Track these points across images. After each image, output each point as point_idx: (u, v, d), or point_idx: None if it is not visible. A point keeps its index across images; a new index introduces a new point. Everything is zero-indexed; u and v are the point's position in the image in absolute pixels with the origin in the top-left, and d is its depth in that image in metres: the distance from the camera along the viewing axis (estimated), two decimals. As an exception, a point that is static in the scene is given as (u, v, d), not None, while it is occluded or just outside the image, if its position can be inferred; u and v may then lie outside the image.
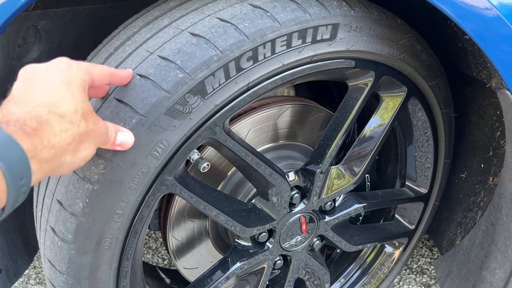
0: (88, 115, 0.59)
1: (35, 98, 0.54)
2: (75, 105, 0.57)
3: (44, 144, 0.53)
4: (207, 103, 0.76)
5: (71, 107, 0.56)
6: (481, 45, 0.83)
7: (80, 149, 0.59)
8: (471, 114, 1.24)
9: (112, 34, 0.91)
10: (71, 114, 0.56)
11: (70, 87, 0.57)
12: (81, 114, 0.58)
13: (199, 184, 0.88)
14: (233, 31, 0.75)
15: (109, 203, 0.75)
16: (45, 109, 0.54)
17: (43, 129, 0.53)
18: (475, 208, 1.27)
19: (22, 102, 0.53)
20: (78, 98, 0.58)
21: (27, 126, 0.52)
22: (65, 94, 0.56)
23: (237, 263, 1.01)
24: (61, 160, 0.56)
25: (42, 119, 0.53)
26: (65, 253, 0.78)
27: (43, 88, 0.55)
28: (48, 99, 0.54)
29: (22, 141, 0.50)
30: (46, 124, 0.53)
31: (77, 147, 0.58)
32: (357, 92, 0.97)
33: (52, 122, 0.54)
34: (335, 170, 1.04)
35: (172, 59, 0.73)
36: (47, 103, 0.54)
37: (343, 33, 0.84)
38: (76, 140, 0.57)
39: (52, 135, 0.54)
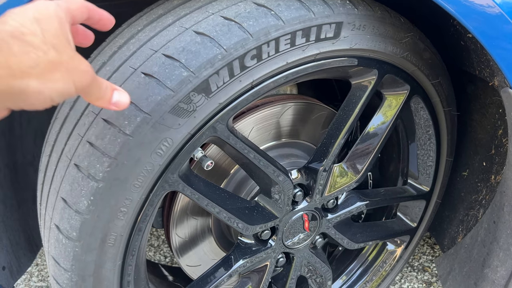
0: (62, 48, 0.57)
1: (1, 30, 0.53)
2: (43, 38, 0.55)
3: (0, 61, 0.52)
4: (211, 102, 0.76)
5: (38, 39, 0.55)
6: (484, 43, 0.84)
7: (50, 78, 0.56)
8: (474, 113, 1.24)
9: (116, 32, 0.91)
10: (38, 43, 0.55)
11: (42, 22, 0.56)
12: (52, 45, 0.56)
13: (202, 182, 0.88)
14: (237, 30, 0.75)
15: (114, 201, 0.76)
16: (7, 34, 0.53)
17: (1, 49, 0.52)
18: (477, 206, 1.27)
19: None
20: (49, 33, 0.56)
21: None
22: (35, 28, 0.55)
23: (240, 261, 1.01)
24: (22, 83, 0.54)
25: (2, 40, 0.52)
26: (69, 251, 0.79)
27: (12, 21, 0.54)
28: (13, 29, 0.54)
29: None
30: (5, 44, 0.52)
31: (45, 74, 0.56)
32: (360, 90, 0.97)
33: (13, 45, 0.53)
34: (337, 168, 1.05)
35: (177, 57, 0.73)
36: (11, 31, 0.53)
37: (346, 32, 0.84)
38: (42, 66, 0.55)
39: (10, 55, 0.53)
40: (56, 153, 0.83)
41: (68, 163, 0.78)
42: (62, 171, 0.79)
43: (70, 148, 0.78)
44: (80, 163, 0.75)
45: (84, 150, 0.75)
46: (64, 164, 0.79)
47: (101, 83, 0.63)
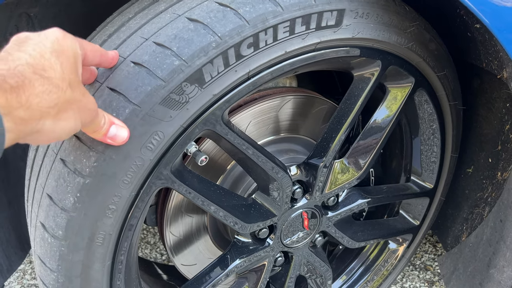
0: (76, 85, 0.57)
1: (21, 58, 0.51)
2: (62, 74, 0.54)
3: (22, 102, 0.50)
4: (205, 93, 0.72)
5: (58, 75, 0.54)
6: (495, 32, 0.79)
7: (63, 117, 0.55)
8: (479, 107, 1.20)
9: (106, 21, 0.87)
10: (57, 80, 0.53)
11: (60, 56, 0.55)
12: (69, 82, 0.55)
13: (197, 178, 0.84)
14: (233, 16, 0.71)
15: (102, 198, 0.71)
16: (29, 69, 0.51)
17: (23, 87, 0.50)
18: (482, 204, 1.23)
19: (7, 61, 0.51)
20: (67, 68, 0.55)
21: (5, 83, 0.49)
22: (54, 61, 0.54)
23: (237, 260, 0.97)
24: (39, 123, 0.53)
25: (25, 77, 0.50)
26: (55, 250, 0.74)
27: (32, 51, 0.52)
28: (35, 61, 0.52)
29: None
30: (28, 83, 0.50)
31: (60, 114, 0.55)
32: (363, 83, 0.92)
33: (35, 82, 0.51)
34: (338, 164, 1.01)
35: (168, 45, 0.69)
36: (33, 64, 0.52)
37: (349, 20, 0.79)
38: (59, 105, 0.54)
39: (32, 95, 0.51)
40: (43, 147, 0.79)
41: (54, 158, 0.74)
42: (48, 166, 0.75)
43: (57, 142, 0.74)
44: (66, 157, 0.71)
45: (70, 144, 0.71)
46: (50, 158, 0.75)
47: (101, 117, 0.63)
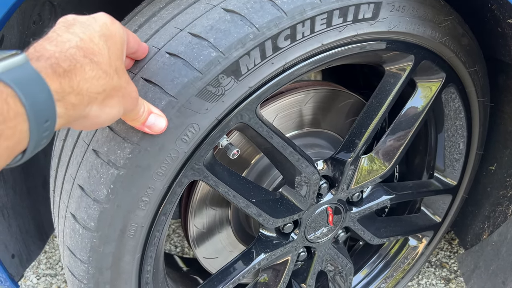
0: (121, 72, 0.56)
1: (71, 40, 0.50)
2: (109, 59, 0.54)
3: (73, 87, 0.49)
4: (241, 85, 0.70)
5: (105, 59, 0.53)
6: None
7: (109, 104, 0.55)
8: (505, 104, 1.18)
9: (135, 10, 0.86)
10: (105, 65, 0.53)
11: (108, 41, 0.54)
12: (115, 68, 0.54)
13: (227, 172, 0.83)
14: (271, 7, 0.69)
15: (135, 190, 0.71)
16: (80, 53, 0.50)
17: (75, 71, 0.49)
18: (505, 202, 1.22)
19: (57, 42, 0.50)
20: (114, 53, 0.55)
21: (59, 66, 0.48)
22: (102, 46, 0.53)
23: (262, 255, 0.97)
24: (87, 109, 0.52)
25: (76, 61, 0.49)
26: (86, 242, 0.74)
27: (82, 34, 0.52)
28: (85, 45, 0.51)
29: (50, 81, 0.46)
30: (79, 67, 0.50)
31: (106, 100, 0.54)
32: (394, 78, 0.91)
33: (85, 66, 0.50)
34: (366, 159, 0.99)
35: (205, 36, 0.68)
36: (83, 48, 0.51)
37: (385, 13, 0.78)
38: (106, 91, 0.53)
39: (83, 80, 0.50)
40: (72, 137, 0.78)
41: (86, 149, 0.73)
42: (79, 157, 0.74)
43: (88, 133, 0.73)
44: (99, 148, 0.70)
45: (103, 135, 0.70)
46: (81, 149, 0.74)
47: (141, 105, 0.62)
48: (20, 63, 0.44)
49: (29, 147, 0.45)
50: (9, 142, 0.42)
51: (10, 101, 0.42)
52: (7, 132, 0.42)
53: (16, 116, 0.42)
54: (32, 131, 0.44)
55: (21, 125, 0.43)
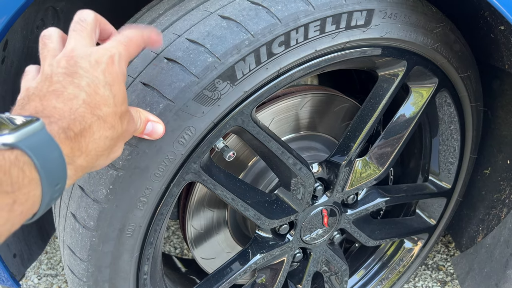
0: (124, 115, 0.57)
1: (77, 96, 0.51)
2: (114, 107, 0.54)
3: (82, 150, 0.50)
4: (236, 89, 0.73)
5: (110, 110, 0.53)
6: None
7: (114, 151, 0.57)
8: (498, 109, 1.20)
9: (135, 16, 0.88)
10: (111, 118, 0.53)
11: (113, 87, 0.54)
12: (119, 116, 0.55)
13: (223, 173, 0.85)
14: (265, 14, 0.72)
15: (134, 190, 0.73)
16: (87, 110, 0.51)
17: (84, 133, 0.50)
18: (499, 205, 1.23)
19: (64, 98, 0.50)
20: (119, 99, 0.55)
21: (70, 130, 0.49)
22: (108, 95, 0.53)
23: (257, 255, 0.99)
24: (94, 164, 0.54)
25: (85, 122, 0.50)
26: (86, 240, 0.76)
27: (87, 87, 0.52)
28: (90, 99, 0.51)
29: (63, 145, 0.47)
30: (88, 128, 0.50)
31: (111, 150, 0.56)
32: (387, 82, 0.93)
33: (93, 126, 0.51)
34: (360, 162, 1.01)
35: (202, 42, 0.70)
36: (89, 103, 0.51)
37: (377, 20, 0.80)
38: (112, 144, 0.55)
39: (91, 141, 0.51)
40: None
41: (86, 150, 0.75)
42: (80, 158, 0.77)
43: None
44: (99, 150, 0.73)
45: (103, 137, 0.72)
46: (81, 151, 0.76)
47: (137, 120, 0.62)
48: (37, 130, 0.45)
49: (40, 209, 0.46)
50: (23, 207, 0.43)
51: (26, 169, 0.43)
52: (21, 198, 0.43)
53: (31, 182, 0.43)
54: (44, 195, 0.45)
55: (34, 191, 0.44)
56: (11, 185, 0.41)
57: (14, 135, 0.43)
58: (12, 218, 0.43)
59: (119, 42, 0.58)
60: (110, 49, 0.56)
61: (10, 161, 0.42)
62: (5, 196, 0.41)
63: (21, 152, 0.43)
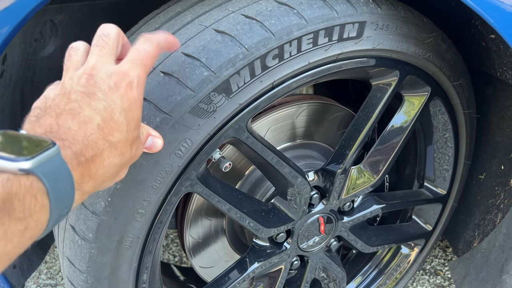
0: (135, 141, 0.56)
1: (92, 119, 0.50)
2: (126, 134, 0.54)
3: (91, 176, 0.50)
4: (231, 102, 0.74)
5: (122, 136, 0.53)
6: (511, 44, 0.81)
7: (119, 175, 0.58)
8: (492, 115, 1.22)
9: (132, 30, 0.90)
10: (122, 144, 0.53)
11: (128, 113, 0.54)
12: (130, 142, 0.55)
13: (220, 184, 0.86)
14: (259, 28, 0.73)
15: (131, 202, 0.74)
16: (100, 136, 0.51)
17: (95, 159, 0.50)
18: (494, 210, 1.25)
19: (80, 120, 0.50)
20: (132, 125, 0.54)
21: (82, 156, 0.48)
22: (122, 121, 0.53)
23: (255, 264, 1.00)
24: (99, 188, 0.54)
25: (98, 148, 0.50)
26: (85, 252, 0.77)
27: (103, 112, 0.51)
28: (105, 124, 0.51)
29: (74, 171, 0.47)
30: (99, 155, 0.50)
31: (117, 175, 0.57)
32: (381, 92, 0.95)
33: (104, 152, 0.51)
34: (355, 170, 1.03)
35: (197, 56, 0.72)
36: (103, 128, 0.51)
37: (369, 31, 0.82)
38: (119, 170, 0.56)
39: (100, 168, 0.51)
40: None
41: (85, 163, 0.76)
42: (78, 171, 0.78)
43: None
44: (97, 163, 0.74)
45: (101, 150, 0.74)
46: (80, 163, 0.78)
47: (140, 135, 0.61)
48: (52, 156, 0.44)
49: (44, 232, 0.46)
50: (33, 232, 0.44)
51: (39, 196, 0.43)
52: (32, 224, 0.43)
53: (42, 209, 0.44)
54: (50, 220, 0.45)
55: (43, 217, 0.44)
56: (23, 211, 0.42)
57: (32, 161, 0.42)
58: (22, 242, 0.43)
59: (137, 64, 0.57)
60: (130, 74, 0.55)
61: (25, 187, 0.42)
62: (17, 223, 0.41)
63: (36, 179, 0.43)
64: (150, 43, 0.59)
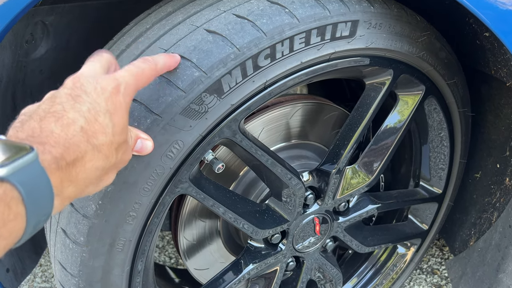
0: (121, 146, 0.55)
1: (76, 122, 0.49)
2: (112, 137, 0.53)
3: (72, 180, 0.48)
4: (223, 103, 0.73)
5: (108, 139, 0.52)
6: (505, 42, 0.81)
7: (104, 179, 0.56)
8: (487, 113, 1.21)
9: (123, 31, 0.89)
10: (106, 148, 0.52)
11: (114, 116, 0.53)
12: (116, 146, 0.54)
13: (213, 185, 0.85)
14: (251, 28, 0.72)
15: (123, 205, 0.73)
16: (83, 138, 0.49)
17: (76, 163, 0.48)
18: (490, 209, 1.24)
19: (63, 123, 0.48)
20: (117, 129, 0.53)
21: (62, 160, 0.47)
22: (107, 124, 0.52)
23: (250, 265, 0.99)
24: (82, 193, 0.53)
25: (79, 151, 0.48)
26: (76, 256, 0.76)
27: (87, 113, 0.50)
28: (89, 126, 0.50)
29: (52, 177, 0.45)
30: (81, 157, 0.49)
31: (101, 179, 0.55)
32: (375, 91, 0.94)
33: (86, 155, 0.49)
34: (350, 170, 1.02)
35: (188, 56, 0.71)
36: (87, 130, 0.50)
37: (362, 30, 0.81)
38: (103, 174, 0.54)
39: (81, 171, 0.49)
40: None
41: (75, 166, 0.75)
42: (69, 174, 0.77)
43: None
44: (87, 165, 0.73)
45: (92, 152, 0.73)
46: (71, 166, 0.77)
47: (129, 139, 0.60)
48: (29, 162, 0.42)
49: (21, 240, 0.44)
50: (6, 241, 0.42)
51: (13, 205, 0.41)
52: (5, 234, 0.41)
53: (16, 217, 0.41)
54: (27, 228, 0.43)
55: (19, 225, 0.42)
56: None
57: (6, 168, 0.40)
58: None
59: (130, 73, 0.57)
60: (119, 78, 0.55)
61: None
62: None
63: (10, 186, 0.41)
64: (148, 63, 0.61)
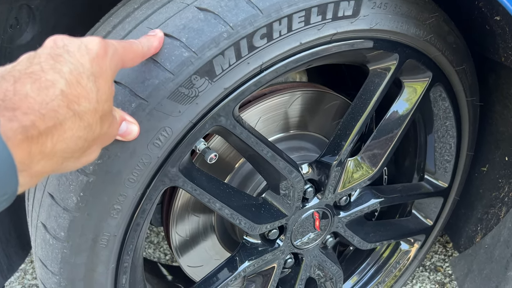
0: (106, 116, 0.50)
1: (55, 83, 0.43)
2: (96, 104, 0.47)
3: (45, 152, 0.42)
4: (215, 86, 0.68)
5: (91, 106, 0.46)
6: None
7: (86, 154, 0.50)
8: (495, 104, 1.16)
9: (111, 12, 0.83)
10: (89, 115, 0.46)
11: (98, 80, 0.48)
12: (100, 115, 0.48)
13: (206, 177, 0.80)
14: (245, 5, 0.67)
15: (106, 197, 0.68)
16: (63, 103, 0.43)
17: (52, 132, 0.42)
18: (498, 204, 1.19)
19: (41, 86, 0.43)
20: (103, 95, 0.48)
21: (34, 128, 0.41)
22: (90, 88, 0.46)
23: (246, 262, 0.94)
24: (58, 168, 0.46)
25: (57, 118, 0.43)
26: (57, 252, 0.71)
27: (68, 75, 0.45)
28: (70, 90, 0.44)
29: (18, 150, 0.40)
30: (58, 125, 0.43)
31: (84, 152, 0.49)
32: (379, 77, 0.88)
33: (66, 123, 0.44)
34: (352, 162, 0.97)
35: (177, 36, 0.65)
36: (67, 94, 0.44)
37: (366, 10, 0.75)
38: (85, 146, 0.48)
39: (59, 141, 0.43)
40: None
41: (56, 155, 0.70)
42: (49, 164, 0.71)
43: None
44: (68, 154, 0.67)
45: (73, 140, 0.67)
46: (51, 156, 0.71)
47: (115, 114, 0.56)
48: None
49: None
50: None
51: None
52: None
53: None
54: None
55: None
56: None
57: None
58: None
59: (119, 42, 0.54)
60: (107, 41, 0.51)
61: None
62: None
63: None
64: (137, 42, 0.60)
